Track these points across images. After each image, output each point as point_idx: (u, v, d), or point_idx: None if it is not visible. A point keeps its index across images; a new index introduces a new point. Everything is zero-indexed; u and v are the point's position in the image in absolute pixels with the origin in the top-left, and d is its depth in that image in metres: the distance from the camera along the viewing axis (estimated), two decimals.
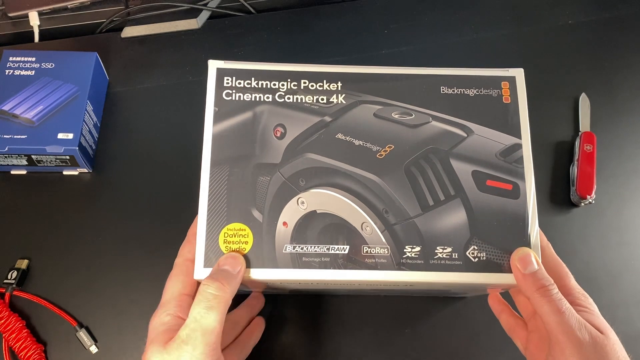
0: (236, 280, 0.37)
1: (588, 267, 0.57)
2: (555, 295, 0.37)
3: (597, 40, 0.71)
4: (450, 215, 0.39)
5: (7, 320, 0.51)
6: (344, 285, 0.41)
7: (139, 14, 0.71)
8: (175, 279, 0.40)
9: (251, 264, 0.38)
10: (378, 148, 0.40)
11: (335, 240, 0.38)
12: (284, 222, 0.39)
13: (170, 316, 0.38)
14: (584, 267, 0.57)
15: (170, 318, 0.38)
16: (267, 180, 0.39)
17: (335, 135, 0.40)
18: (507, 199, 0.39)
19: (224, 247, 0.38)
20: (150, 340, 0.37)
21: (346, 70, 0.42)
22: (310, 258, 0.38)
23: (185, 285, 0.40)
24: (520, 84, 0.43)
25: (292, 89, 0.41)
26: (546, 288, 0.37)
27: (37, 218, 0.57)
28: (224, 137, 0.40)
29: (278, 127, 0.40)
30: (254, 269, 0.38)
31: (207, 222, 0.38)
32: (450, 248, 0.38)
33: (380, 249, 0.38)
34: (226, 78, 0.41)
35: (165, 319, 0.38)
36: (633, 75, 0.68)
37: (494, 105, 0.42)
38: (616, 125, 0.65)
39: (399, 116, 0.41)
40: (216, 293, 0.36)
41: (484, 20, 0.72)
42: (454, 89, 0.42)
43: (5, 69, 0.59)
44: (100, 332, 0.52)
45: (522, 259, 0.38)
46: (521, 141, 0.41)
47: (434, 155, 0.40)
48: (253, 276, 0.38)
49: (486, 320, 0.54)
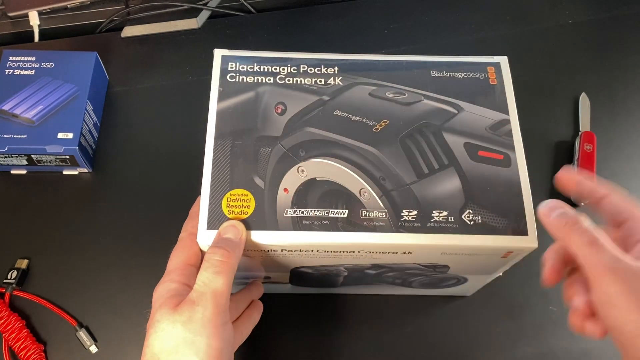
0: (239, 247, 0.38)
1: None
2: (584, 228, 0.34)
3: (597, 40, 0.71)
4: (445, 182, 0.41)
5: (7, 320, 0.51)
6: (344, 257, 0.42)
7: (139, 14, 0.71)
8: (180, 251, 0.41)
9: (253, 226, 0.39)
10: (374, 123, 0.42)
11: (335, 204, 0.40)
12: (285, 188, 0.40)
13: (177, 283, 0.39)
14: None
15: (177, 285, 0.39)
16: (268, 151, 0.41)
17: (333, 112, 0.43)
18: (500, 168, 0.41)
19: (227, 211, 0.39)
20: (159, 305, 0.38)
21: (342, 57, 0.45)
22: (310, 221, 0.39)
23: (189, 257, 0.41)
24: (505, 69, 0.45)
25: (292, 72, 0.44)
26: (572, 222, 0.34)
27: (37, 218, 0.57)
28: (227, 113, 0.42)
29: (279, 105, 0.43)
30: (256, 231, 0.39)
31: (211, 188, 0.40)
32: (446, 212, 0.40)
33: (378, 212, 0.40)
34: (230, 63, 0.44)
35: (171, 285, 0.39)
36: (633, 75, 0.68)
37: (482, 86, 0.44)
38: (616, 125, 0.65)
39: (393, 95, 0.43)
40: (222, 259, 0.37)
41: (484, 20, 0.72)
42: (444, 72, 0.45)
43: (5, 69, 0.59)
44: (100, 332, 0.52)
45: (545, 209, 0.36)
46: (509, 117, 0.43)
47: (427, 129, 0.42)
48: (255, 239, 0.39)
49: (486, 320, 0.54)
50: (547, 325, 0.54)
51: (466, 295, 0.54)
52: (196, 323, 0.36)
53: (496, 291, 0.54)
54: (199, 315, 0.36)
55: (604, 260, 0.32)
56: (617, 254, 0.33)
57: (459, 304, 0.54)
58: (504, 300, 0.55)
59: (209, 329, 0.36)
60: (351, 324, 0.53)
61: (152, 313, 0.38)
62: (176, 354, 0.36)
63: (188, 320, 0.36)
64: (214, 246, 0.38)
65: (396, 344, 0.53)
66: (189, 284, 0.39)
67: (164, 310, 0.37)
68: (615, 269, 0.32)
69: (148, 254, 0.56)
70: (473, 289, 0.53)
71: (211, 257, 0.38)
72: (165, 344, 0.36)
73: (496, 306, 0.55)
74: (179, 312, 0.36)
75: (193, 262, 0.41)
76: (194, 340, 0.36)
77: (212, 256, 0.38)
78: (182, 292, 0.38)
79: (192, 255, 0.41)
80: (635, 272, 0.32)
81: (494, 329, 0.54)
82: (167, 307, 0.37)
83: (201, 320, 0.36)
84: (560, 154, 0.63)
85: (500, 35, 0.71)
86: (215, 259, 0.37)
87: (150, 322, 0.38)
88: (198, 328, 0.36)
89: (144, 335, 0.39)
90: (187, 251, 0.41)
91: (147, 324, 0.38)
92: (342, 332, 0.53)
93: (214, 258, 0.37)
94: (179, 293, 0.38)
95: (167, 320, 0.37)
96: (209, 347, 0.36)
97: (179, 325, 0.36)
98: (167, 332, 0.36)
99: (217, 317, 0.37)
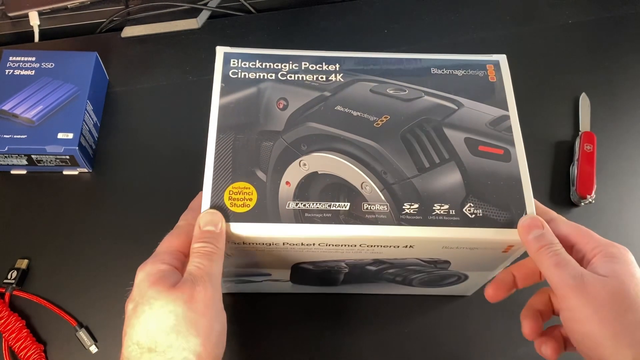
0: (222, 236, 0.38)
1: None
2: (553, 250, 0.37)
3: (597, 40, 0.71)
4: (446, 176, 0.41)
5: (7, 320, 0.51)
6: (345, 251, 0.42)
7: (139, 14, 0.71)
8: (175, 236, 0.40)
9: (255, 219, 0.39)
10: (375, 118, 0.43)
11: (337, 197, 0.40)
12: (287, 181, 0.40)
13: (167, 265, 0.37)
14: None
15: (167, 267, 0.36)
16: (270, 145, 0.41)
17: (335, 107, 0.43)
18: (500, 162, 0.41)
19: (229, 203, 0.39)
20: (150, 283, 0.35)
21: (344, 54, 0.46)
22: (312, 214, 0.39)
23: (183, 244, 0.39)
24: (504, 67, 0.46)
25: (294, 69, 0.45)
26: (545, 246, 0.37)
27: (37, 218, 0.57)
28: (230, 108, 0.42)
29: (281, 100, 0.43)
30: (258, 224, 0.39)
31: (213, 181, 0.40)
32: (447, 205, 0.40)
33: (380, 205, 0.40)
34: (232, 60, 0.45)
35: (161, 266, 0.36)
36: (633, 75, 0.68)
37: (481, 83, 0.45)
38: (616, 125, 0.65)
39: (394, 91, 0.44)
40: (209, 249, 0.37)
41: (484, 20, 0.72)
42: (444, 70, 0.45)
43: (5, 69, 0.59)
44: (100, 332, 0.52)
45: (524, 225, 0.39)
46: (509, 113, 0.43)
47: (428, 124, 0.43)
48: (257, 232, 0.39)
49: (486, 320, 0.54)
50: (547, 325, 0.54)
51: (466, 295, 0.54)
52: (199, 303, 0.34)
53: None
54: (201, 295, 0.35)
55: (567, 279, 0.35)
56: (578, 271, 0.36)
57: (459, 304, 0.54)
58: (504, 300, 0.55)
59: (211, 310, 0.35)
60: (351, 324, 0.53)
61: (141, 290, 0.35)
62: (177, 333, 0.33)
63: (190, 299, 0.34)
64: (198, 240, 0.37)
65: (396, 344, 0.53)
66: (180, 268, 0.37)
67: (159, 288, 0.34)
68: (576, 285, 0.35)
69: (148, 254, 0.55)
70: (473, 288, 0.53)
71: (198, 249, 0.37)
72: (163, 322, 0.34)
73: (496, 306, 0.55)
74: (181, 290, 0.34)
75: (185, 251, 0.39)
76: (197, 320, 0.34)
77: (199, 249, 0.37)
78: (172, 275, 0.36)
79: (187, 244, 0.39)
80: (593, 284, 0.35)
81: (494, 329, 0.53)
82: (163, 286, 0.34)
83: (203, 300, 0.35)
84: (560, 154, 0.63)
85: (500, 35, 0.71)
86: (204, 249, 0.37)
87: (140, 299, 0.35)
88: (201, 308, 0.34)
89: None
90: (182, 238, 0.39)
91: (131, 303, 0.35)
92: (342, 332, 0.53)
93: (204, 249, 0.37)
94: (170, 275, 0.36)
95: (165, 297, 0.34)
96: (210, 329, 0.35)
97: (181, 302, 0.34)
98: (167, 309, 0.34)
99: (217, 299, 0.36)
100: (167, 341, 0.34)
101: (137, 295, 0.35)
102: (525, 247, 0.39)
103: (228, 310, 0.38)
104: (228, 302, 0.54)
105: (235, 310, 0.53)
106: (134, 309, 0.35)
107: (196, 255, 0.37)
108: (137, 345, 0.34)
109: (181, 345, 0.34)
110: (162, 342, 0.34)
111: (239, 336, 0.52)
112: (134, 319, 0.35)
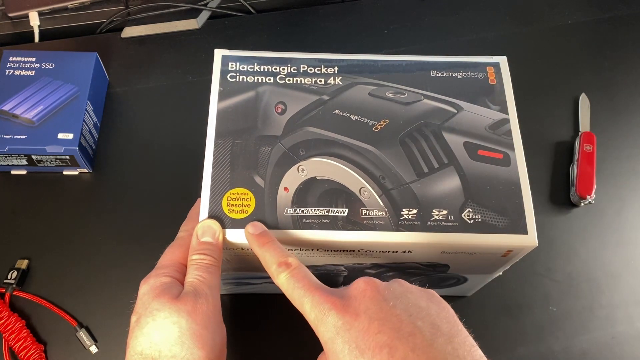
0: (219, 247, 0.38)
1: (587, 267, 0.57)
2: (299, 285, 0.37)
3: (597, 40, 0.71)
4: (445, 181, 0.41)
5: (7, 320, 0.51)
6: (344, 256, 0.42)
7: (139, 14, 0.71)
8: (176, 248, 0.40)
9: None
10: (374, 122, 0.42)
11: (335, 203, 0.40)
12: (285, 187, 0.40)
13: (170, 278, 0.37)
14: (584, 267, 0.57)
15: (170, 280, 0.37)
16: (268, 150, 0.41)
17: (333, 111, 0.43)
18: (499, 167, 0.41)
19: (227, 209, 0.39)
20: (155, 295, 0.36)
21: (342, 57, 0.46)
22: (310, 220, 0.39)
23: (185, 256, 0.39)
24: (504, 69, 0.45)
25: (292, 72, 0.44)
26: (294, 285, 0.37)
27: (37, 218, 0.57)
28: (228, 113, 0.42)
29: (279, 104, 0.43)
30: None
31: (211, 187, 0.40)
32: (446, 210, 0.40)
33: (378, 211, 0.40)
34: (230, 63, 0.45)
35: (164, 279, 0.37)
36: (633, 75, 0.68)
37: (481, 86, 0.45)
38: (616, 125, 0.65)
39: (393, 95, 0.44)
40: (207, 262, 0.37)
41: (484, 20, 0.72)
42: (443, 72, 0.45)
43: (5, 69, 0.59)
44: (100, 332, 0.52)
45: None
46: (508, 116, 0.43)
47: (427, 128, 0.42)
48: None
49: (486, 320, 0.54)
50: (547, 325, 0.54)
51: (466, 295, 0.54)
52: (202, 315, 0.35)
53: (496, 291, 0.54)
54: (204, 307, 0.35)
55: (307, 308, 0.36)
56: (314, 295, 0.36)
57: (459, 304, 0.54)
58: (504, 300, 0.55)
59: (213, 324, 0.35)
60: None
61: (144, 303, 0.36)
62: (181, 345, 0.34)
63: (193, 311, 0.35)
64: (196, 252, 0.38)
65: None
66: (182, 281, 0.38)
67: (163, 300, 0.35)
68: (317, 316, 0.35)
69: (148, 254, 0.55)
70: (473, 289, 0.53)
71: (196, 261, 0.37)
72: (167, 333, 0.34)
73: (496, 306, 0.55)
74: (184, 302, 0.35)
75: (187, 262, 0.39)
76: (200, 332, 0.34)
77: (197, 261, 0.37)
78: (175, 287, 0.37)
79: (188, 255, 0.40)
80: (325, 304, 0.35)
81: (494, 329, 0.53)
82: (167, 298, 0.35)
83: (205, 312, 0.35)
84: (560, 154, 0.63)
85: (500, 35, 0.71)
86: (202, 261, 0.37)
87: (143, 311, 0.35)
88: (204, 320, 0.35)
89: None
90: (184, 250, 0.40)
91: (134, 316, 0.36)
92: None
93: (202, 261, 0.37)
94: (173, 287, 0.37)
95: (169, 309, 0.35)
96: (213, 342, 0.35)
97: (185, 314, 0.34)
98: (171, 321, 0.34)
99: (217, 312, 0.36)
100: (171, 352, 0.34)
101: (141, 307, 0.36)
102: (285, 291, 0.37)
103: (228, 310, 0.39)
104: (228, 303, 0.55)
105: (235, 311, 0.53)
106: (137, 320, 0.35)
107: (195, 267, 0.37)
108: (140, 355, 0.34)
109: (185, 357, 0.34)
110: (165, 353, 0.34)
111: (239, 337, 0.52)
112: (137, 331, 0.35)
